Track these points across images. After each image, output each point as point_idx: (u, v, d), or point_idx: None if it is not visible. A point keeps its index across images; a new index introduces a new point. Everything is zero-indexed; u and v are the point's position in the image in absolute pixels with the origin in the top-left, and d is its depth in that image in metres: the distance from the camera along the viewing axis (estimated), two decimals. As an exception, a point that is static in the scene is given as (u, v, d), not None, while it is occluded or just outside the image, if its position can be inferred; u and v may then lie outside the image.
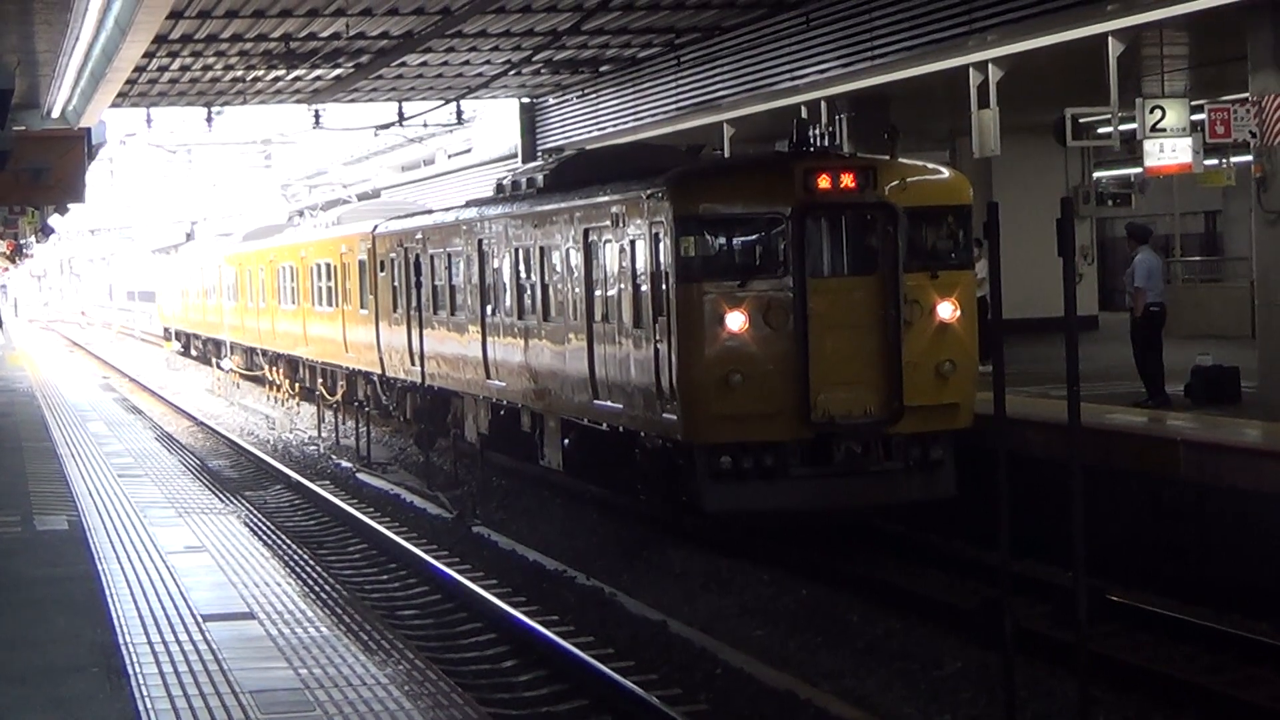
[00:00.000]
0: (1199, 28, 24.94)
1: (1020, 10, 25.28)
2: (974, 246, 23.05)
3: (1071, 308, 12.60)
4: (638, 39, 35.76)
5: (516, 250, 27.29)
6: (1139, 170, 30.35)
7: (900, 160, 22.28)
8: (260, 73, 37.46)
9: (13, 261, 71.94)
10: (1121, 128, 25.48)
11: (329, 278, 41.00)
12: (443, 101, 42.60)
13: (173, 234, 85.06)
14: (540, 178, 27.67)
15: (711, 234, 21.56)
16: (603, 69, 39.94)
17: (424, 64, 37.92)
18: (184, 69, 36.51)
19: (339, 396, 40.95)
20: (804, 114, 30.38)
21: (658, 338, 21.76)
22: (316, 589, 16.64)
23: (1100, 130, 28.80)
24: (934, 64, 27.56)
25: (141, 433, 35.32)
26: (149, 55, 32.34)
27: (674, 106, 37.23)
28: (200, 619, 14.65)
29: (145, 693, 12.04)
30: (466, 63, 37.97)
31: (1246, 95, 23.57)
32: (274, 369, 49.59)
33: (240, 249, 54.21)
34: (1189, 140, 24.96)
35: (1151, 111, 24.73)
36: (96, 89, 26.28)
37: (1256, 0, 21.59)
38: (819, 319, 21.10)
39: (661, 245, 21.65)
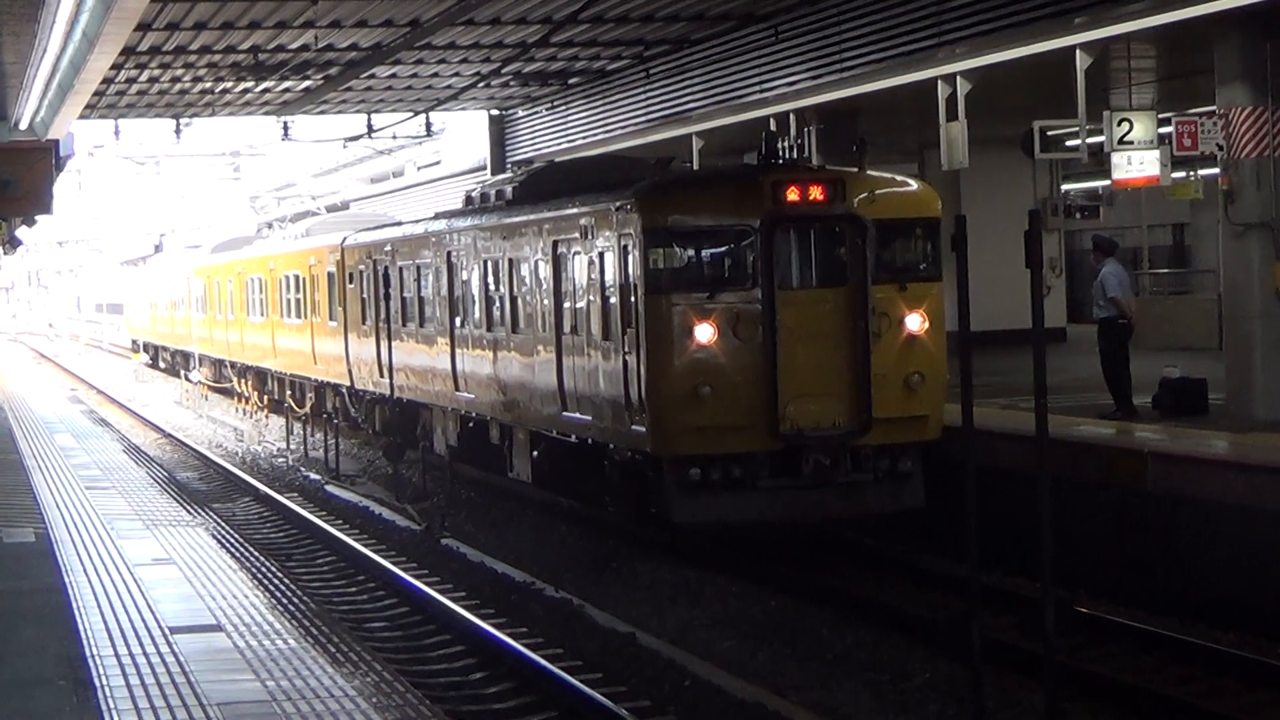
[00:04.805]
0: (1167, 41, 25.02)
1: (989, 23, 25.33)
2: None
3: (1039, 319, 12.64)
4: (606, 51, 35.75)
5: (485, 262, 27.27)
6: (1107, 183, 30.40)
7: (869, 172, 22.31)
8: (229, 84, 37.38)
9: (-20, 273, 71.75)
10: (1089, 140, 25.52)
11: (297, 290, 40.94)
12: (412, 113, 42.55)
13: (141, 246, 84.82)
14: (509, 190, 27.66)
15: (680, 246, 21.57)
16: (572, 81, 39.94)
17: (393, 76, 37.87)
18: (152, 80, 36.42)
19: (308, 409, 40.88)
20: (773, 126, 30.47)
21: (626, 349, 21.76)
22: (284, 601, 16.61)
23: (1068, 143, 28.88)
24: (903, 77, 27.60)
25: (109, 445, 35.26)
26: (117, 67, 32.23)
27: (643, 119, 37.24)
28: (167, 631, 14.61)
29: (112, 705, 12.00)
30: (435, 75, 37.93)
31: (1214, 108, 23.64)
32: (242, 381, 49.49)
33: (209, 261, 54.11)
34: (1156, 153, 25.01)
35: (1119, 124, 24.78)
36: (64, 100, 26.20)
37: (1224, 14, 21.66)
38: (788, 331, 21.12)
39: (630, 257, 21.66)
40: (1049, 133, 27.93)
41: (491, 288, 27.08)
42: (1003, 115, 30.18)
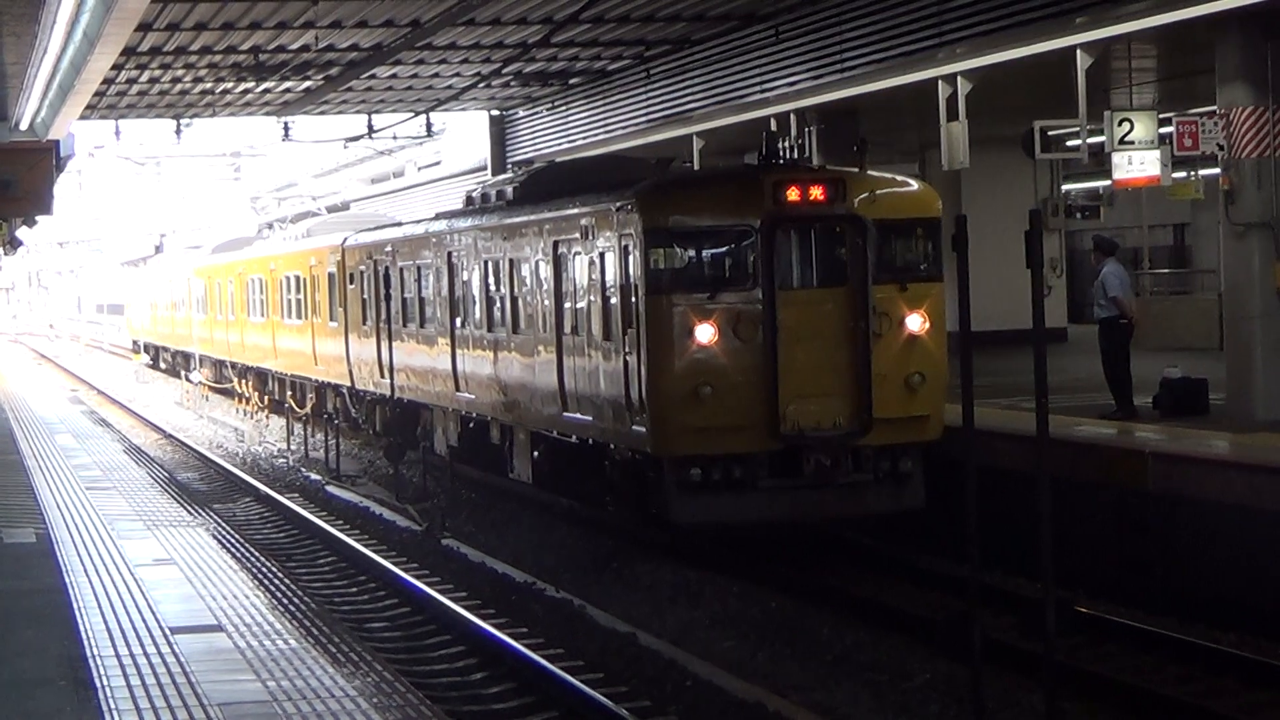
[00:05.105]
0: (1167, 41, 25.03)
1: (989, 23, 25.34)
2: None
3: (1040, 320, 12.65)
4: (607, 51, 35.76)
5: (486, 262, 27.27)
6: (1107, 183, 30.39)
7: (869, 173, 22.31)
8: (229, 85, 37.39)
9: (-20, 274, 71.78)
10: (1090, 140, 25.52)
11: (298, 290, 40.94)
12: (412, 114, 42.57)
13: (141, 246, 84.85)
14: (510, 190, 27.66)
15: (681, 246, 21.57)
16: (572, 81, 39.94)
17: (394, 76, 37.88)
18: (153, 81, 36.43)
19: (308, 409, 40.87)
20: (773, 126, 30.47)
21: (627, 350, 21.76)
22: (285, 601, 16.62)
23: (1069, 143, 28.88)
24: (903, 77, 27.60)
25: (110, 445, 35.27)
26: (117, 67, 32.25)
27: (644, 119, 37.25)
28: (168, 631, 14.62)
29: (112, 705, 12.01)
30: (436, 75, 37.94)
31: (1214, 108, 23.65)
32: (243, 382, 49.49)
33: (209, 261, 54.10)
34: (1157, 153, 25.01)
35: (1120, 124, 24.78)
36: (65, 101, 26.20)
37: (1224, 14, 21.67)
38: (788, 331, 21.12)
39: (631, 257, 21.66)
40: (1050, 133, 27.94)
41: (492, 288, 27.08)
42: (1003, 115, 30.19)
